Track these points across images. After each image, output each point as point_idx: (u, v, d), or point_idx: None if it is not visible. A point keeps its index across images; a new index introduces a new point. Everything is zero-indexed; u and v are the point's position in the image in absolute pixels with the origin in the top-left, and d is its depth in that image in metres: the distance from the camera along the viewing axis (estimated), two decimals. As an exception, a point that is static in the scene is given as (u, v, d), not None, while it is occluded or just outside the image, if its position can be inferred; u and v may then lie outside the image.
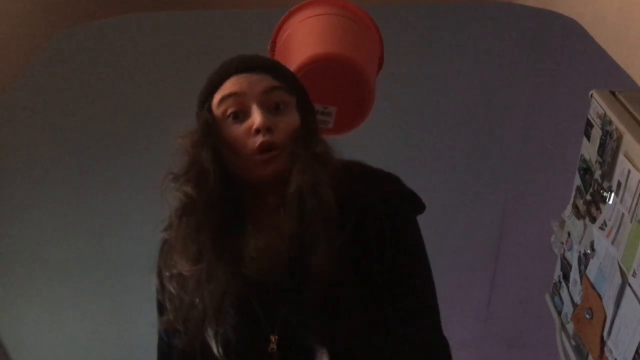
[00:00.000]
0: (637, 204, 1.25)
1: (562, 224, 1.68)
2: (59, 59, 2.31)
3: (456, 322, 2.82)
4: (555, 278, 1.75)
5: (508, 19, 2.49)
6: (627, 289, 1.28)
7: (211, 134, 0.98)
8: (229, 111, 0.99)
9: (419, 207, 1.09)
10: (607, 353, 1.37)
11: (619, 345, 1.32)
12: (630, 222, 1.27)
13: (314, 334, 0.94)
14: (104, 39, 2.37)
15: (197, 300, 0.97)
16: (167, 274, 1.01)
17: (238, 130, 0.98)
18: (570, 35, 2.00)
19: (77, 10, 1.83)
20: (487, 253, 3.08)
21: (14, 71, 1.58)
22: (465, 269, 3.08)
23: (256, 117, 0.96)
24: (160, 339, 1.11)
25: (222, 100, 0.99)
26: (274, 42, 1.53)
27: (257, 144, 0.96)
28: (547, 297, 1.80)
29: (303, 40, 1.46)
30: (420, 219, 1.12)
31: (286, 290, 0.95)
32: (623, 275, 1.30)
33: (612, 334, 1.35)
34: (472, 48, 2.60)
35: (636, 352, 1.25)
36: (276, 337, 0.97)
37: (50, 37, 1.78)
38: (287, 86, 1.02)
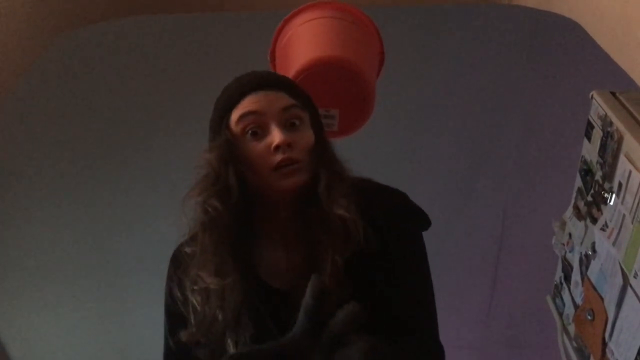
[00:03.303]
0: (638, 205, 1.25)
1: (563, 225, 1.68)
2: (62, 62, 2.31)
3: (457, 324, 2.83)
4: (557, 279, 1.75)
5: (508, 20, 2.49)
6: (629, 290, 1.28)
7: (233, 150, 1.01)
8: (248, 128, 1.01)
9: (425, 223, 1.12)
10: (608, 354, 1.37)
11: (621, 347, 1.32)
12: (632, 223, 1.27)
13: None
14: (107, 42, 2.36)
15: (220, 314, 1.00)
16: (193, 287, 1.03)
17: (257, 147, 1.00)
18: (570, 36, 1.99)
19: (81, 13, 1.84)
20: (488, 254, 3.08)
21: (16, 73, 1.58)
22: (466, 270, 3.07)
23: (276, 135, 0.99)
24: (168, 348, 1.12)
25: (241, 117, 1.01)
26: (273, 50, 1.54)
27: (277, 161, 0.98)
28: (548, 299, 1.80)
29: (303, 44, 1.46)
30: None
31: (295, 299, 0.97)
32: (624, 276, 1.30)
33: (614, 335, 1.35)
34: (472, 49, 2.60)
35: (638, 353, 1.25)
36: None
37: (53, 39, 1.78)
38: (301, 103, 1.04)
